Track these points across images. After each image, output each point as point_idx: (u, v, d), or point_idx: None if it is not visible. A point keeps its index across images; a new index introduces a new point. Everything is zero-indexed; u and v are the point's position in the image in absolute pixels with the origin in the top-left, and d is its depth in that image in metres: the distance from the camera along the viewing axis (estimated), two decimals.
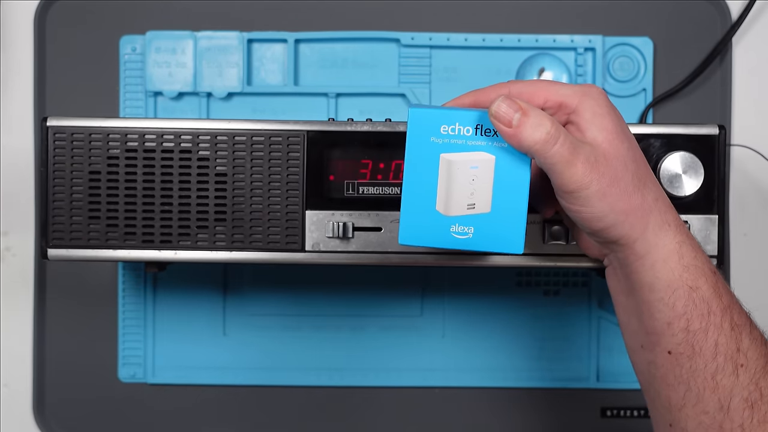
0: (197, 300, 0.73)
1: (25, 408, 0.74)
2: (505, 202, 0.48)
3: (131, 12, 0.73)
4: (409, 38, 0.73)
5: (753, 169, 0.73)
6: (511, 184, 0.47)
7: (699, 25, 0.73)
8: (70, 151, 0.58)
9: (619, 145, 0.48)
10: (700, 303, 0.49)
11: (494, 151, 0.47)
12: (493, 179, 0.47)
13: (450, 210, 0.48)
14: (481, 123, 0.47)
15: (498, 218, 0.48)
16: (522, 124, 0.46)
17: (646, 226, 0.49)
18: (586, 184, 0.47)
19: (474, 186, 0.47)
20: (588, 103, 0.49)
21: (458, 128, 0.47)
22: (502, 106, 0.47)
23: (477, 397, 0.74)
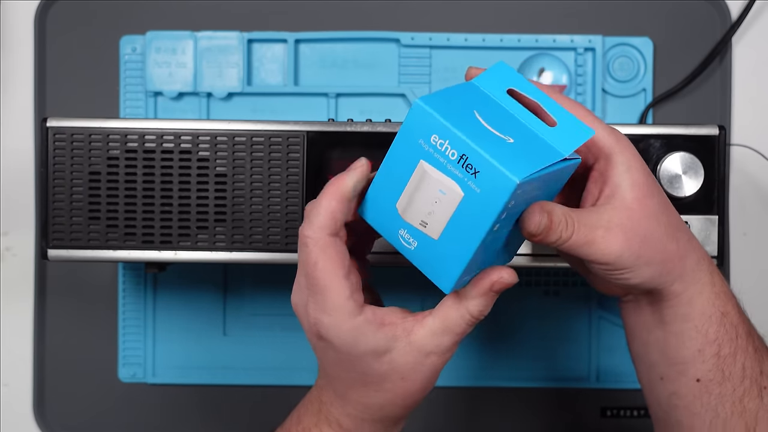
0: (197, 300, 0.73)
1: (25, 408, 0.74)
2: (454, 241, 0.45)
3: (131, 12, 0.73)
4: (409, 38, 0.73)
5: (753, 169, 0.73)
6: (467, 228, 0.44)
7: (699, 25, 0.73)
8: (70, 152, 0.58)
9: (649, 202, 0.47)
10: (730, 328, 0.50)
11: (465, 190, 0.44)
12: (452, 213, 0.44)
13: (405, 215, 0.46)
14: (466, 155, 0.43)
15: (441, 250, 0.45)
16: (549, 229, 0.46)
17: (684, 268, 0.49)
18: (617, 253, 0.46)
19: (434, 208, 0.45)
20: (622, 155, 0.48)
21: (447, 146, 0.44)
22: (537, 215, 0.45)
23: (477, 397, 0.74)
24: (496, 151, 0.43)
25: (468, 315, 0.48)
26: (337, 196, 0.46)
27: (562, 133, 0.46)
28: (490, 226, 0.44)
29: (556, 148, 0.45)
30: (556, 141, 0.46)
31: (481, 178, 0.43)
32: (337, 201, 0.46)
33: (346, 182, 0.46)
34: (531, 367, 0.73)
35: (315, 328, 0.47)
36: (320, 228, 0.46)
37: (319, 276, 0.46)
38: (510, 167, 0.42)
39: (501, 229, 0.45)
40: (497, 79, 0.48)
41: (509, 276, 0.47)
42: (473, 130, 0.44)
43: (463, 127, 0.44)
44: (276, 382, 0.73)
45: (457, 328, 0.48)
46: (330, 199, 0.46)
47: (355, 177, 0.46)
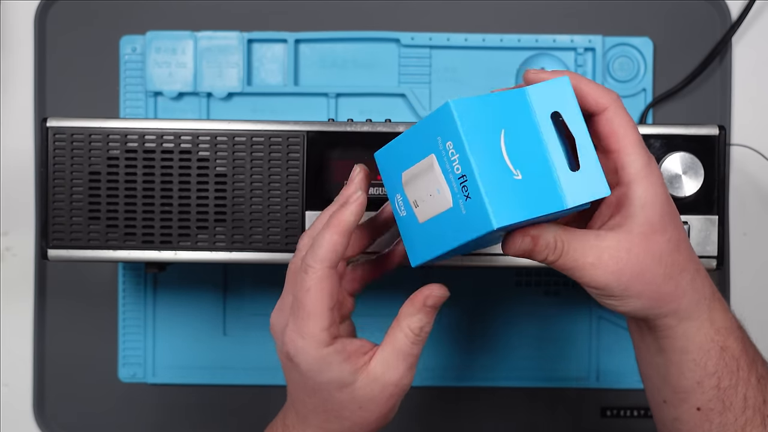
0: (197, 300, 0.73)
1: (25, 408, 0.74)
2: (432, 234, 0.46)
3: (131, 12, 0.73)
4: (409, 38, 0.73)
5: (753, 169, 0.73)
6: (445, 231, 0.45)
7: (699, 25, 0.73)
8: (70, 152, 0.58)
9: (656, 240, 0.47)
10: (731, 361, 0.49)
11: (455, 203, 0.45)
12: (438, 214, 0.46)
13: (406, 187, 0.48)
14: (467, 176, 0.44)
15: (421, 233, 0.47)
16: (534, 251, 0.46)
17: (678, 307, 0.48)
18: (602, 283, 0.47)
19: (427, 198, 0.46)
20: (644, 190, 0.47)
21: (455, 159, 0.44)
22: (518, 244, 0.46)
23: (477, 396, 0.74)
24: (495, 186, 0.43)
25: (409, 332, 0.50)
26: (340, 230, 0.48)
27: (580, 181, 0.45)
28: (462, 243, 0.45)
29: (563, 195, 0.45)
30: (569, 187, 0.45)
31: (470, 204, 0.44)
32: (339, 235, 0.48)
33: (348, 219, 0.48)
34: (531, 367, 0.73)
35: (286, 348, 0.50)
36: (322, 260, 0.48)
37: (308, 303, 0.48)
38: (497, 209, 0.43)
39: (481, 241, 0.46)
40: (550, 95, 0.46)
41: (439, 290, 0.50)
42: (486, 155, 0.44)
43: (478, 149, 0.44)
44: (276, 382, 0.73)
45: (404, 348, 0.50)
46: (333, 233, 0.48)
47: (355, 213, 0.49)
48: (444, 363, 0.74)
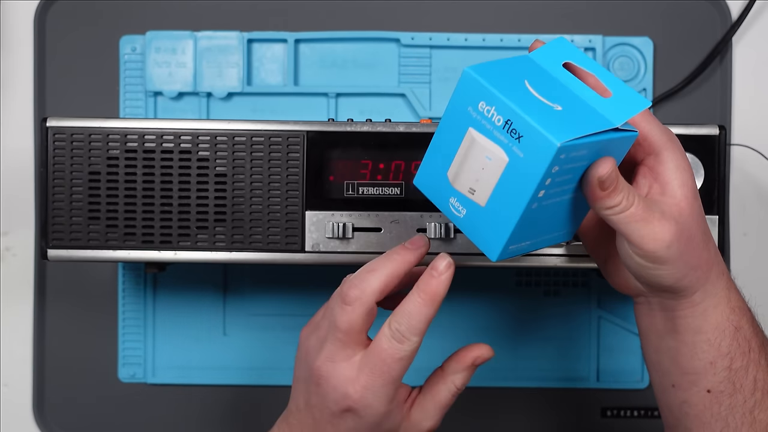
0: (197, 300, 0.73)
1: (25, 408, 0.74)
2: (500, 208, 0.46)
3: (131, 12, 0.73)
4: (409, 38, 0.73)
5: (753, 169, 0.73)
6: (512, 194, 0.45)
7: (699, 25, 0.73)
8: (69, 152, 0.58)
9: (694, 203, 0.48)
10: (743, 342, 0.50)
11: (510, 155, 0.44)
12: (498, 180, 0.45)
13: (455, 183, 0.47)
14: (511, 120, 0.44)
15: (488, 217, 0.46)
16: (616, 189, 0.46)
17: (707, 279, 0.49)
18: (667, 242, 0.46)
19: (481, 175, 0.46)
20: (673, 153, 0.48)
21: (493, 113, 0.44)
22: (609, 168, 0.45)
23: (477, 396, 0.74)
24: (540, 116, 0.43)
25: (454, 387, 0.53)
26: (437, 304, 0.50)
27: (616, 104, 0.46)
28: (533, 192, 0.44)
29: (606, 117, 0.45)
30: (608, 111, 0.45)
31: (525, 142, 0.43)
32: (436, 308, 0.50)
33: (441, 292, 0.50)
34: (531, 367, 0.73)
35: (351, 403, 0.50)
36: (420, 332, 0.50)
37: (397, 370, 0.50)
38: (552, 131, 0.42)
39: (551, 197, 0.45)
40: (555, 53, 0.48)
41: (488, 352, 0.54)
42: (520, 97, 0.44)
43: (510, 94, 0.44)
44: (276, 383, 0.73)
45: (444, 400, 0.53)
46: (431, 307, 0.50)
47: (447, 285, 0.50)
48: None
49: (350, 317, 0.50)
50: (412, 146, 0.58)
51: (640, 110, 0.46)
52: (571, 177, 0.45)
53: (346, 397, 0.50)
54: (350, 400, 0.50)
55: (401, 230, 0.58)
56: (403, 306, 0.50)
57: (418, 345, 0.50)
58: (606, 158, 0.45)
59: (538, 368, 0.73)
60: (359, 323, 0.50)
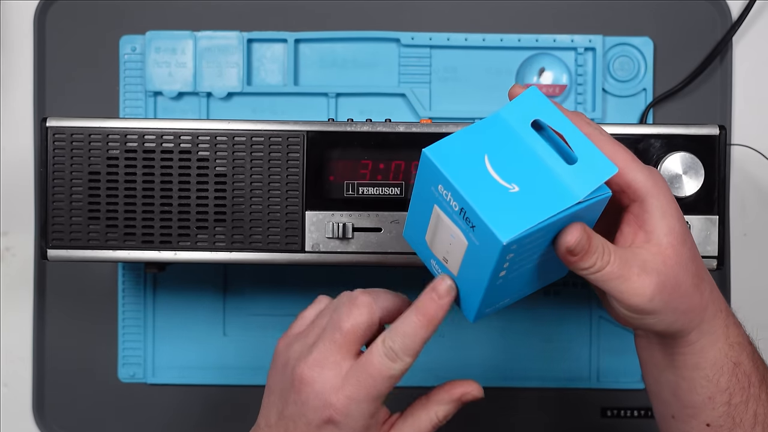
0: (197, 300, 0.73)
1: (25, 408, 0.74)
2: (468, 280, 0.46)
3: (131, 12, 0.73)
4: (409, 38, 0.73)
5: (753, 169, 0.73)
6: (475, 272, 0.45)
7: (699, 25, 0.73)
8: (69, 152, 0.58)
9: (682, 249, 0.47)
10: (742, 377, 0.49)
11: (468, 240, 0.45)
12: (462, 257, 0.46)
13: (432, 248, 0.48)
14: (464, 209, 0.44)
15: (461, 284, 0.47)
16: (587, 253, 0.45)
17: (702, 319, 0.49)
18: (648, 296, 0.46)
19: (449, 248, 0.46)
20: (658, 200, 0.47)
21: (450, 198, 0.45)
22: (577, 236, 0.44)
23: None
24: (492, 205, 0.43)
25: (435, 418, 0.51)
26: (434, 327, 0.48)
27: (582, 171, 0.44)
28: (490, 276, 0.44)
29: (570, 189, 0.44)
30: (572, 180, 0.44)
31: (477, 232, 0.44)
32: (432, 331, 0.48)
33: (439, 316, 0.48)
34: (531, 368, 0.73)
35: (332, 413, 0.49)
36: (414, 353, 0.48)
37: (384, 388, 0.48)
38: (500, 225, 0.42)
39: (516, 269, 0.46)
40: (525, 108, 0.46)
41: (477, 391, 0.52)
42: (474, 182, 0.44)
43: (464, 179, 0.44)
44: None
45: (424, 429, 0.51)
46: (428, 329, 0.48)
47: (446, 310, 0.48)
48: (443, 363, 0.73)
49: (356, 320, 0.49)
50: (412, 146, 0.58)
51: (606, 178, 0.44)
52: (536, 248, 0.45)
53: (328, 406, 0.48)
54: (332, 409, 0.48)
55: (401, 230, 0.58)
56: (399, 324, 0.48)
57: (409, 366, 0.49)
58: (573, 226, 0.44)
59: (538, 368, 0.73)
60: (362, 328, 0.49)
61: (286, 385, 0.50)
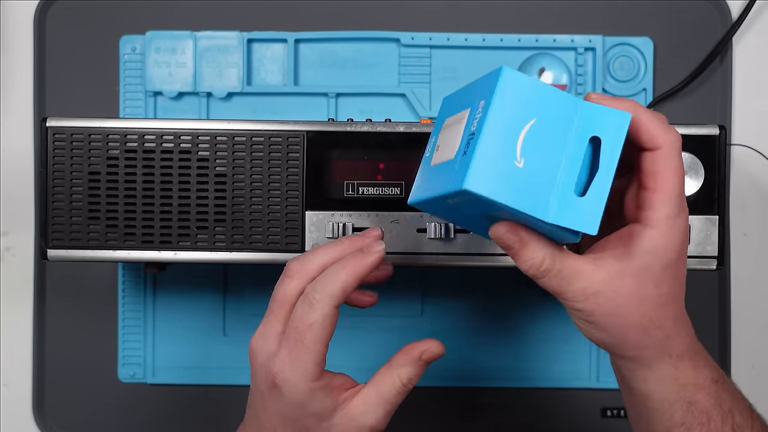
0: (197, 300, 0.73)
1: (25, 408, 0.74)
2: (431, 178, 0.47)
3: (131, 12, 0.73)
4: (409, 38, 0.73)
5: (753, 169, 0.73)
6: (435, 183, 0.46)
7: (699, 25, 0.73)
8: (69, 152, 0.58)
9: (647, 288, 0.46)
10: (699, 414, 0.49)
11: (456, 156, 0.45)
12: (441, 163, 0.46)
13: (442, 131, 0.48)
14: (475, 134, 0.43)
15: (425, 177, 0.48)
16: (517, 254, 0.46)
17: (638, 355, 0.48)
18: (577, 311, 0.47)
19: (444, 146, 0.47)
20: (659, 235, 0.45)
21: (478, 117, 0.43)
22: (503, 232, 0.45)
23: (477, 397, 0.74)
24: (491, 156, 0.42)
25: (398, 381, 0.51)
26: (357, 274, 0.49)
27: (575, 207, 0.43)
28: (436, 196, 0.45)
29: (549, 207, 0.43)
30: (561, 204, 0.43)
31: (463, 160, 0.43)
32: (355, 278, 0.49)
33: (367, 265, 0.49)
34: (531, 368, 0.73)
35: (273, 377, 0.49)
36: (331, 297, 0.48)
37: (308, 337, 0.48)
38: (477, 175, 0.42)
39: (465, 209, 0.46)
40: (603, 120, 0.44)
41: (437, 348, 0.51)
42: (503, 128, 0.43)
43: (499, 118, 0.43)
44: None
45: (388, 395, 0.51)
46: (350, 274, 0.48)
47: (375, 264, 0.49)
48: (443, 363, 0.73)
49: (286, 288, 0.50)
50: (412, 146, 0.58)
51: (582, 230, 0.43)
52: (490, 210, 0.45)
53: (269, 373, 0.50)
54: (272, 375, 0.49)
55: (401, 230, 0.58)
56: (322, 274, 0.49)
57: (330, 311, 0.48)
58: (500, 224, 0.45)
59: (538, 368, 0.73)
60: (294, 295, 0.50)
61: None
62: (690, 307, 0.74)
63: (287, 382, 0.49)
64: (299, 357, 0.49)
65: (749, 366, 0.74)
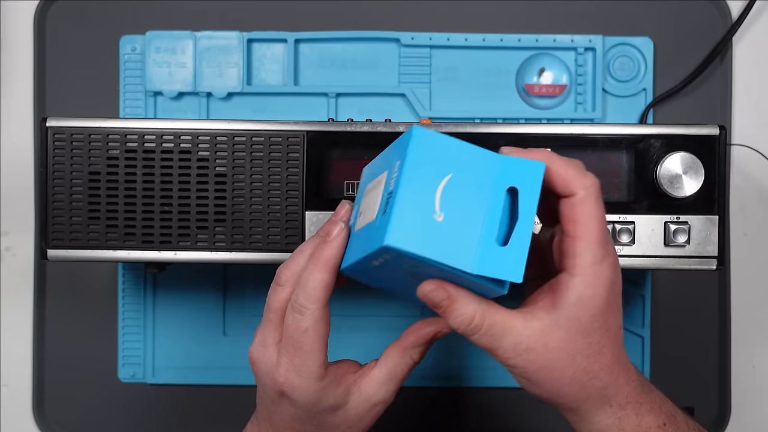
0: (197, 300, 0.73)
1: (25, 408, 0.74)
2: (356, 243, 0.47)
3: (131, 12, 0.73)
4: (409, 38, 0.73)
5: (753, 169, 0.73)
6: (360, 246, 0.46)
7: (699, 25, 0.73)
8: (69, 152, 0.58)
9: (577, 340, 0.46)
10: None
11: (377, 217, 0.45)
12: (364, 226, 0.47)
13: (363, 198, 0.49)
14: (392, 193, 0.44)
15: (352, 242, 0.48)
16: (446, 311, 0.46)
17: (578, 407, 0.48)
18: (510, 366, 0.47)
19: (366, 211, 0.47)
20: (584, 285, 0.45)
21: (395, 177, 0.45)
22: (430, 290, 0.45)
23: (477, 396, 0.74)
24: (410, 212, 0.43)
25: (411, 361, 0.52)
26: (328, 268, 0.49)
27: (499, 257, 0.43)
28: (361, 257, 0.45)
29: (473, 259, 0.43)
30: (484, 255, 0.43)
31: (383, 219, 0.44)
32: (329, 273, 0.49)
33: (333, 254, 0.49)
34: None
35: (280, 387, 0.50)
36: (317, 299, 0.48)
37: (305, 342, 0.49)
38: (397, 230, 0.42)
39: (390, 270, 0.46)
40: (518, 172, 0.45)
41: (447, 327, 0.51)
42: (419, 184, 0.44)
43: (415, 175, 0.44)
44: None
45: (401, 373, 0.52)
46: (323, 272, 0.48)
47: (339, 248, 0.49)
48: (443, 363, 0.73)
49: (279, 296, 0.50)
50: None
51: (507, 279, 0.43)
52: (414, 268, 0.45)
53: (275, 383, 0.50)
54: (278, 385, 0.50)
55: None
56: (301, 278, 0.49)
57: (320, 313, 0.48)
58: (429, 282, 0.45)
59: None
60: (287, 301, 0.50)
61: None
62: (690, 307, 0.74)
63: (296, 389, 0.49)
64: (302, 363, 0.49)
65: (749, 366, 0.74)
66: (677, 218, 0.58)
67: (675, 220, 0.58)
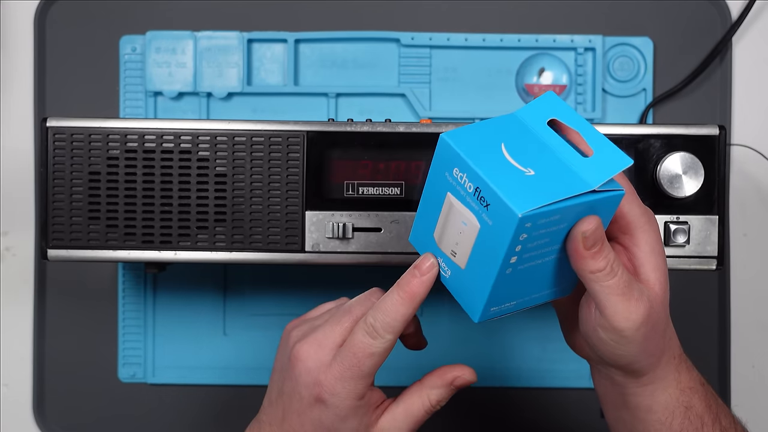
0: (197, 300, 0.73)
1: (25, 408, 0.74)
2: (477, 271, 0.46)
3: (131, 12, 0.73)
4: (409, 38, 0.73)
5: (753, 169, 0.73)
6: (486, 259, 0.45)
7: (699, 25, 0.73)
8: (69, 152, 0.58)
9: (665, 289, 0.48)
10: (695, 419, 0.50)
11: (481, 222, 0.44)
12: (473, 245, 0.45)
13: (440, 244, 0.48)
14: (480, 187, 0.44)
15: (468, 280, 0.47)
16: (600, 251, 0.45)
17: (659, 363, 0.49)
18: (637, 323, 0.46)
19: (460, 238, 0.46)
20: (649, 236, 0.47)
21: (465, 180, 0.45)
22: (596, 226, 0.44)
23: (477, 396, 0.74)
24: (507, 184, 0.43)
25: (428, 402, 0.52)
26: (414, 303, 0.49)
27: (597, 163, 0.45)
28: (502, 259, 0.44)
29: (584, 178, 0.44)
30: (586, 171, 0.44)
31: (492, 210, 0.43)
32: (413, 308, 0.49)
33: (421, 292, 0.49)
34: (531, 368, 0.73)
35: (320, 391, 0.50)
36: (393, 331, 0.49)
37: (367, 365, 0.49)
38: (516, 200, 0.42)
39: (528, 260, 0.45)
40: (542, 109, 0.47)
41: (469, 375, 0.52)
42: (491, 164, 0.44)
43: (480, 161, 0.44)
44: None
45: (417, 413, 0.52)
46: (408, 306, 0.48)
47: (428, 287, 0.49)
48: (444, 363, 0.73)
49: (365, 305, 0.51)
50: (412, 146, 0.58)
51: (620, 169, 0.44)
52: (549, 240, 0.45)
53: (317, 384, 0.49)
54: (320, 387, 0.49)
55: (401, 230, 0.58)
56: (381, 302, 0.49)
57: (391, 343, 0.49)
58: (590, 216, 0.44)
59: (538, 368, 0.73)
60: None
61: (285, 362, 0.52)
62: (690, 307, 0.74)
63: (336, 396, 0.49)
64: (353, 379, 0.49)
65: (749, 366, 0.74)
66: (677, 218, 0.58)
67: (675, 220, 0.58)
